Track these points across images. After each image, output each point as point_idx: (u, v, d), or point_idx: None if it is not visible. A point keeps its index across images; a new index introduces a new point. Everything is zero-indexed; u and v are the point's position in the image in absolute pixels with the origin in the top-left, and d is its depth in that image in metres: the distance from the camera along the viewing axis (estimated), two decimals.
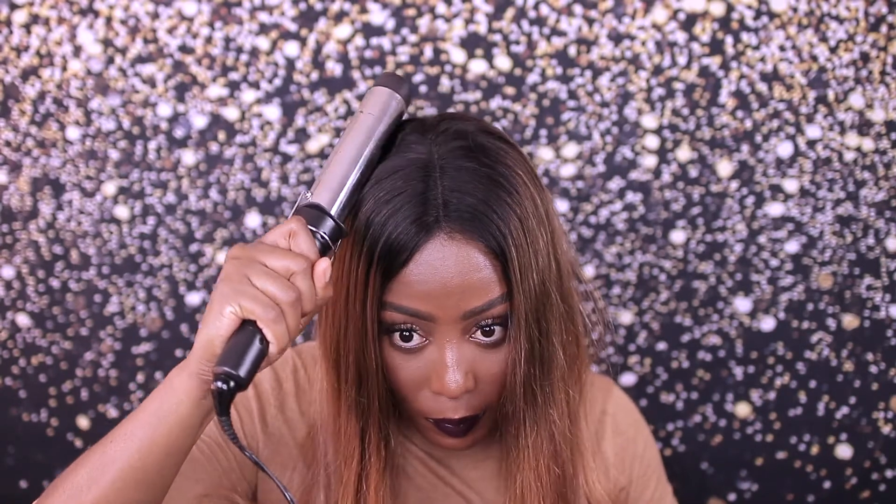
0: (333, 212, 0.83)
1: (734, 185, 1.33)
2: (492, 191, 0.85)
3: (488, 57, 1.32)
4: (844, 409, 1.37)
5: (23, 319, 1.41)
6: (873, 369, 1.35)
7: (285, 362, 1.03)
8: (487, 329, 0.86)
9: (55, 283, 1.40)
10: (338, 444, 0.93)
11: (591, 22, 1.31)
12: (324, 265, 0.79)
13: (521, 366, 0.87)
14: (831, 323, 1.35)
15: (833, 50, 1.29)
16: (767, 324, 1.36)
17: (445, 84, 1.33)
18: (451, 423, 0.89)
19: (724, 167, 1.33)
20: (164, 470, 0.79)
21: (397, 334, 0.87)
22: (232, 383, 0.73)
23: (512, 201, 0.85)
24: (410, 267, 0.84)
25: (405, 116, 0.92)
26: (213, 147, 1.36)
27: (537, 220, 0.87)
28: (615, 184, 1.34)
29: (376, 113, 0.88)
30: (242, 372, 0.73)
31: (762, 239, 1.34)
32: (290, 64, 1.33)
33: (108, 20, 1.33)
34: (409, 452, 1.00)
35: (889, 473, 1.38)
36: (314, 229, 0.82)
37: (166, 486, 0.80)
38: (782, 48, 1.30)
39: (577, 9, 1.30)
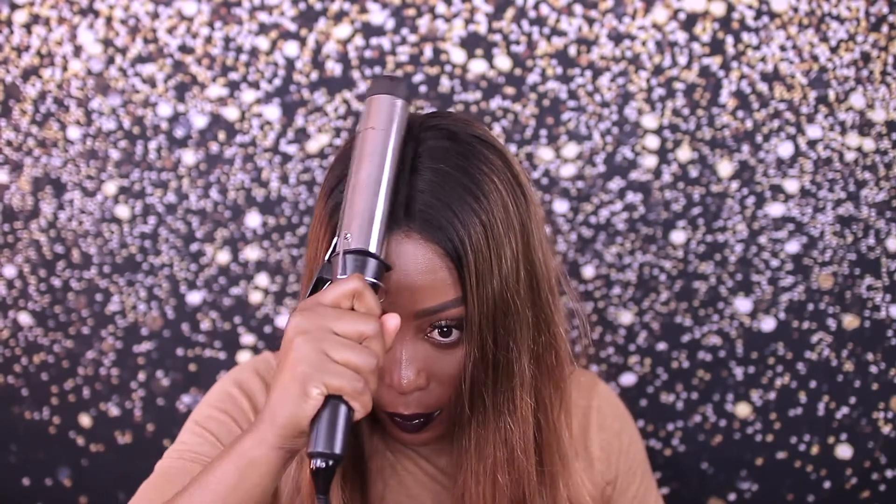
0: (375, 250, 0.82)
1: (735, 185, 1.33)
2: (458, 195, 0.85)
3: (488, 57, 1.32)
4: (844, 410, 1.37)
5: (24, 318, 1.42)
6: (873, 369, 1.35)
7: (268, 365, 1.04)
8: (444, 329, 0.87)
9: (56, 283, 1.41)
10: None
11: (591, 22, 1.30)
12: (394, 322, 0.80)
13: (468, 371, 0.88)
14: (832, 323, 1.35)
15: (834, 50, 1.29)
16: (768, 324, 1.36)
17: (445, 84, 1.33)
18: (403, 417, 0.90)
19: (725, 167, 1.33)
20: None
21: None
22: (331, 462, 0.74)
23: (479, 207, 0.85)
24: None
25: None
26: (214, 147, 1.36)
27: (506, 228, 0.87)
28: (615, 184, 1.34)
29: (384, 126, 0.86)
30: (338, 449, 0.74)
31: (763, 239, 1.34)
32: (290, 64, 1.33)
33: (109, 20, 1.33)
34: (388, 444, 1.01)
35: (889, 473, 1.37)
36: (370, 280, 0.81)
37: None
38: (783, 48, 1.29)
39: (578, 9, 1.30)
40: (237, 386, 1.01)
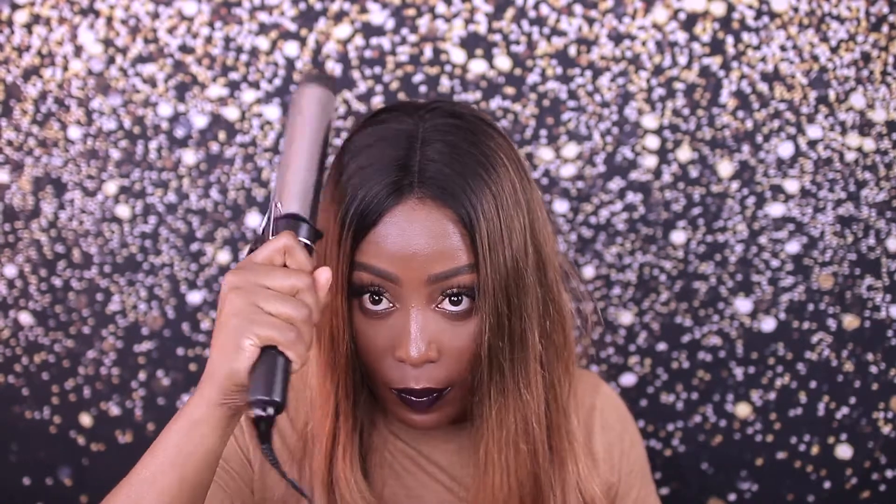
0: (304, 214, 0.85)
1: (735, 185, 1.33)
2: (469, 165, 0.87)
3: (488, 57, 1.32)
4: (845, 410, 1.37)
5: (25, 318, 1.42)
6: (874, 370, 1.35)
7: None
8: (455, 298, 0.88)
9: (57, 282, 1.41)
10: (315, 405, 0.95)
11: (591, 22, 1.30)
12: (325, 275, 0.81)
13: (486, 335, 0.88)
14: (832, 323, 1.35)
15: (834, 50, 1.29)
16: (768, 324, 1.36)
17: (445, 84, 1.33)
18: (413, 394, 0.90)
19: (725, 167, 1.33)
20: None
21: (367, 296, 0.89)
22: (271, 409, 0.75)
23: (489, 178, 0.87)
24: (380, 228, 0.86)
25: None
26: (214, 147, 1.36)
27: (514, 202, 0.89)
28: (615, 184, 1.34)
29: (315, 111, 0.92)
30: (277, 396, 0.75)
31: (763, 239, 1.34)
32: (290, 64, 1.33)
33: (109, 20, 1.34)
34: (388, 440, 1.00)
35: (889, 474, 1.37)
36: (302, 240, 0.83)
37: None
38: (783, 48, 1.29)
39: (578, 9, 1.30)
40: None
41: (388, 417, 1.00)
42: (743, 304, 1.35)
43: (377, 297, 0.89)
